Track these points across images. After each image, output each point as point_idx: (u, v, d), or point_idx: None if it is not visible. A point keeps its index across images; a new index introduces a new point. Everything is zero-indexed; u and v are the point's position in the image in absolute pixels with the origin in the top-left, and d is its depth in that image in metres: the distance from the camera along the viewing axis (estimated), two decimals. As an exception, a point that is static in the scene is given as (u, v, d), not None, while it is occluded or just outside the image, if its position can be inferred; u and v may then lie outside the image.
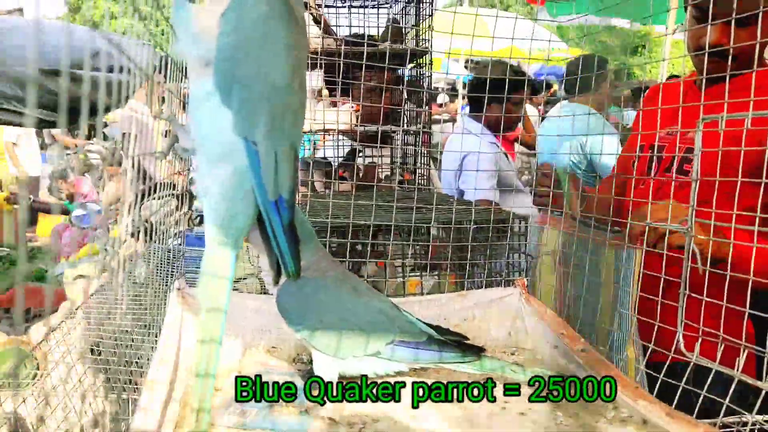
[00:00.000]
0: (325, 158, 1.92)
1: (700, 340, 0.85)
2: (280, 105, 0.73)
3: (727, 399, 0.79)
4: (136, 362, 1.26)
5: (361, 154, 1.99)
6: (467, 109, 4.36)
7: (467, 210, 1.24)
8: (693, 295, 0.87)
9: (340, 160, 1.99)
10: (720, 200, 0.87)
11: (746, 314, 0.80)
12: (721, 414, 0.83)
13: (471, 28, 1.26)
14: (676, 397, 0.83)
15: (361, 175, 1.87)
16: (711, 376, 0.83)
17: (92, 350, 1.35)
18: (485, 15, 1.35)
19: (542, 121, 4.46)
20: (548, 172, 1.27)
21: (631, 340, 1.07)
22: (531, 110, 5.04)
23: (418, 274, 1.39)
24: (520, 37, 1.45)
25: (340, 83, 1.39)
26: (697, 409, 0.81)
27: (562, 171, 1.23)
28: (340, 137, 1.92)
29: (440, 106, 6.21)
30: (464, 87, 6.19)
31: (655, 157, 1.30)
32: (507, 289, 1.15)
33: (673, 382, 0.86)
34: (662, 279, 0.92)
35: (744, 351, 0.77)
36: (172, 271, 1.60)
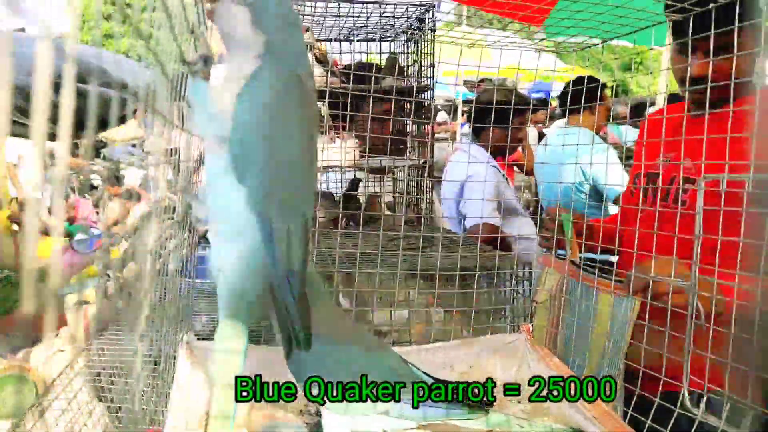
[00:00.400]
0: (328, 191, 1.94)
1: (705, 397, 0.86)
2: (293, 182, 0.74)
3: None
4: (141, 399, 1.25)
5: (362, 185, 2.00)
6: (466, 127, 4.38)
7: (472, 252, 1.24)
8: (698, 352, 0.87)
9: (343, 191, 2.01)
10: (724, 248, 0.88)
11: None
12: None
13: (470, 51, 1.28)
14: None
15: (364, 207, 1.88)
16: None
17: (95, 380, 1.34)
18: (487, 44, 1.37)
19: (540, 139, 4.48)
20: (553, 217, 1.29)
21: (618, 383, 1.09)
22: (530, 130, 5.07)
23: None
24: (521, 58, 1.48)
25: (342, 116, 1.41)
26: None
27: (566, 217, 1.24)
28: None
29: (440, 124, 6.23)
30: (463, 104, 6.23)
31: (650, 187, 1.32)
32: (512, 335, 1.16)
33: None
34: (666, 333, 0.93)
35: (751, 412, 0.78)
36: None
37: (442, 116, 6.31)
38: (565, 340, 1.26)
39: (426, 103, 1.89)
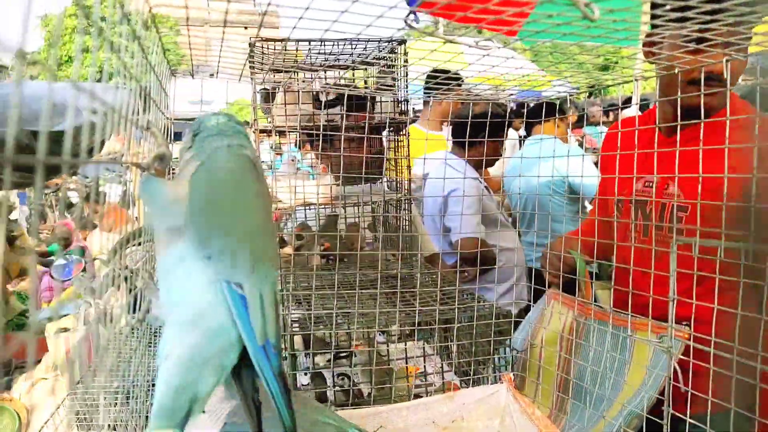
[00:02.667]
0: (306, 225, 1.91)
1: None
2: (258, 246, 0.72)
3: None
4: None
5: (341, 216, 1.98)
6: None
7: (451, 305, 1.23)
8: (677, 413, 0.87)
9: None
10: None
11: None
12: None
13: (445, 55, 1.27)
14: None
15: (343, 240, 1.86)
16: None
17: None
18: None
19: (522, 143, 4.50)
20: (559, 254, 1.28)
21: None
22: (512, 134, 5.07)
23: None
24: (496, 64, 1.47)
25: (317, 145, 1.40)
26: None
27: (579, 256, 1.22)
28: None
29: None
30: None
31: (639, 212, 1.31)
32: (494, 386, 1.15)
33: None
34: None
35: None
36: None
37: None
38: (575, 387, 1.19)
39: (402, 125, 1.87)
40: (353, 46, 1.58)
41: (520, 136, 5.08)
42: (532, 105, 2.75)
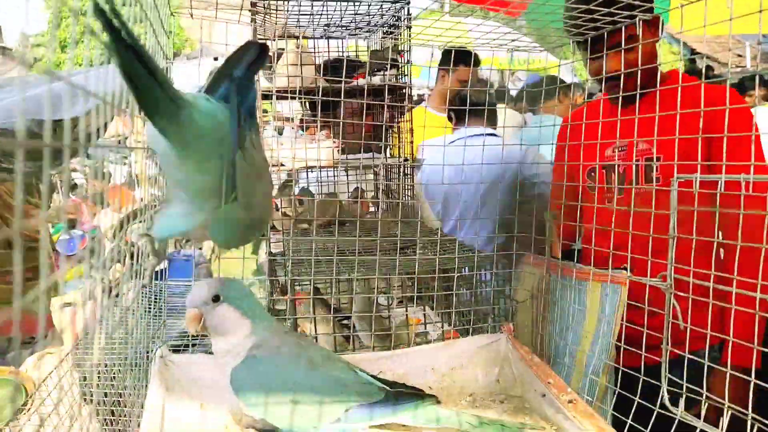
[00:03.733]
0: (307, 189, 1.91)
1: (684, 396, 0.86)
2: None
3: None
4: (118, 401, 1.24)
5: (344, 184, 1.98)
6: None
7: (452, 250, 1.23)
8: (675, 351, 0.87)
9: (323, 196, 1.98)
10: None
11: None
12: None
13: (450, 35, 1.27)
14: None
15: (345, 206, 1.86)
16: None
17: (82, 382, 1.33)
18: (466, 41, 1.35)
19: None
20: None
21: (606, 368, 1.13)
22: (516, 116, 5.04)
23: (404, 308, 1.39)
24: (501, 44, 1.47)
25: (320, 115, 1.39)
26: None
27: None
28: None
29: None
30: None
31: (612, 175, 1.44)
32: (493, 335, 1.15)
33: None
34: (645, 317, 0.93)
35: (727, 411, 0.78)
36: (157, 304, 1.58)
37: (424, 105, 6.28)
38: (549, 339, 1.27)
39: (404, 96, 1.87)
40: (356, 7, 1.57)
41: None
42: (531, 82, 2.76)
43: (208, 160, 0.74)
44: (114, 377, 1.25)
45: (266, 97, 1.66)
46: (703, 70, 1.15)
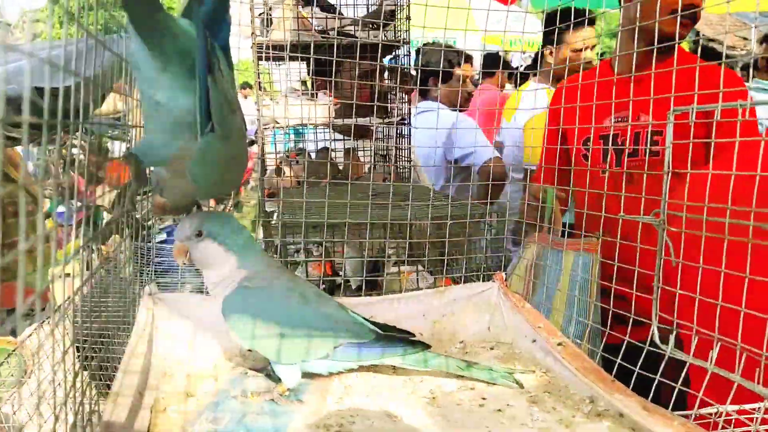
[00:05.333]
0: (303, 150, 1.90)
1: (674, 332, 0.85)
2: None
3: (701, 391, 0.80)
4: (115, 366, 1.24)
5: (341, 149, 1.97)
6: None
7: (445, 205, 1.22)
8: (667, 287, 0.86)
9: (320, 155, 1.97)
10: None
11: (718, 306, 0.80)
12: (696, 406, 0.83)
13: (450, 15, 1.26)
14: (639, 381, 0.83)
15: (341, 168, 1.85)
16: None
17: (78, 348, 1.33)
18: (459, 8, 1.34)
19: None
20: (537, 196, 1.38)
21: (587, 333, 1.16)
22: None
23: (397, 269, 1.38)
24: (502, 22, 1.45)
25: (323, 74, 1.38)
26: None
27: (551, 192, 1.26)
28: (321, 130, 1.90)
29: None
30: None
31: (611, 147, 1.44)
32: (485, 284, 1.14)
33: (651, 375, 0.86)
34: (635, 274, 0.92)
35: (717, 343, 0.77)
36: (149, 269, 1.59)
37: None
38: (536, 306, 1.29)
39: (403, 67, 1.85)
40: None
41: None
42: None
43: (187, 80, 0.74)
44: (107, 339, 1.25)
45: (262, 58, 1.65)
46: (724, 52, 1.11)
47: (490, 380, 0.92)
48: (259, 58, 1.59)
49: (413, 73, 2.31)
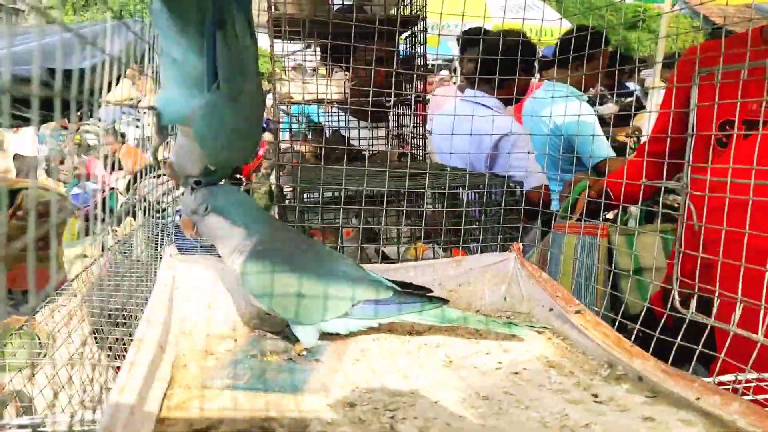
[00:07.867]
0: (319, 125, 1.90)
1: (695, 297, 0.84)
2: None
3: (723, 352, 0.79)
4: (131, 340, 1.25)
5: (355, 131, 1.96)
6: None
7: (461, 177, 1.22)
8: (690, 252, 0.86)
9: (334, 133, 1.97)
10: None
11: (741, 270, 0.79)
12: (716, 371, 0.82)
13: (465, 6, 1.25)
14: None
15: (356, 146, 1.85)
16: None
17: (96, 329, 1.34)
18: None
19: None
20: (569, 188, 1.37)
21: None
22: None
23: (412, 243, 1.38)
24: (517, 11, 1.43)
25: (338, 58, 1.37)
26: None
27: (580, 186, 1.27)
28: (336, 109, 1.90)
29: (443, 80, 6.15)
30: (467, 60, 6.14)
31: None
32: (502, 254, 1.14)
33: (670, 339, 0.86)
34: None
35: (740, 305, 0.77)
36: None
37: (443, 73, 6.23)
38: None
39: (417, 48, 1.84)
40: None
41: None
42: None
43: (202, 37, 0.74)
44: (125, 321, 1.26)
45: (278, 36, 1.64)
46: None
47: (509, 333, 0.92)
48: (276, 34, 1.59)
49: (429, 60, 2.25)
